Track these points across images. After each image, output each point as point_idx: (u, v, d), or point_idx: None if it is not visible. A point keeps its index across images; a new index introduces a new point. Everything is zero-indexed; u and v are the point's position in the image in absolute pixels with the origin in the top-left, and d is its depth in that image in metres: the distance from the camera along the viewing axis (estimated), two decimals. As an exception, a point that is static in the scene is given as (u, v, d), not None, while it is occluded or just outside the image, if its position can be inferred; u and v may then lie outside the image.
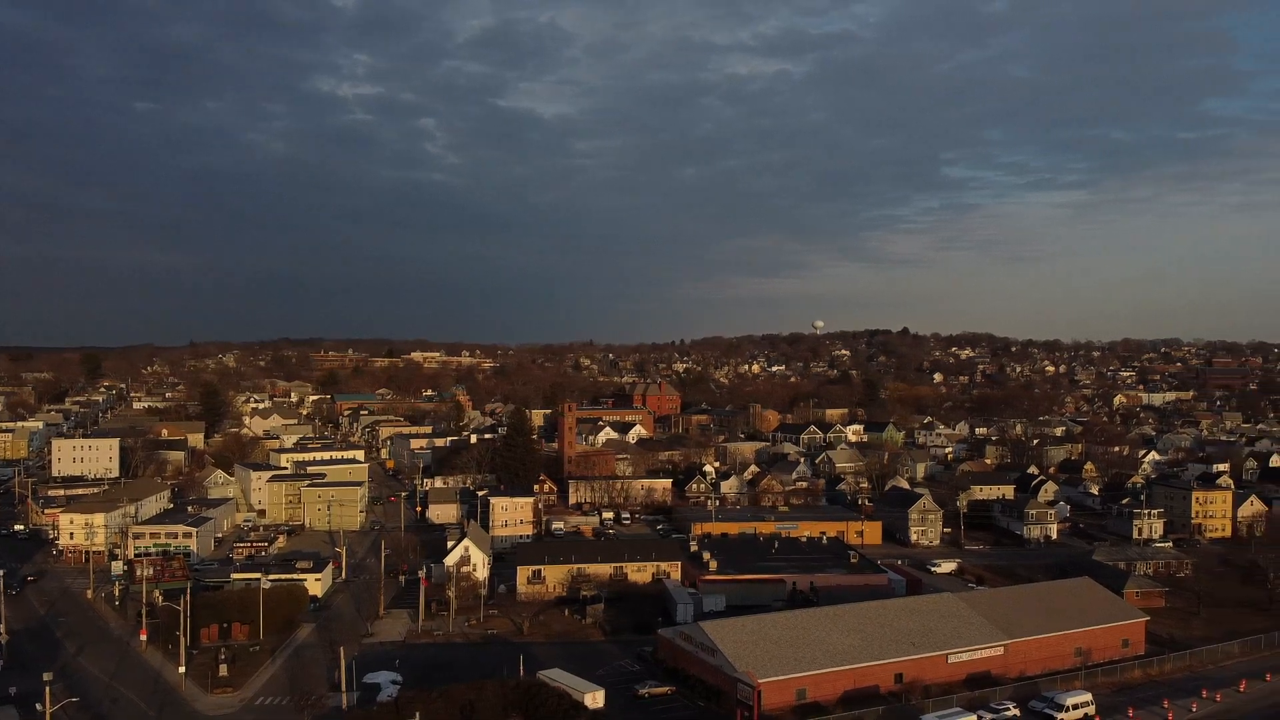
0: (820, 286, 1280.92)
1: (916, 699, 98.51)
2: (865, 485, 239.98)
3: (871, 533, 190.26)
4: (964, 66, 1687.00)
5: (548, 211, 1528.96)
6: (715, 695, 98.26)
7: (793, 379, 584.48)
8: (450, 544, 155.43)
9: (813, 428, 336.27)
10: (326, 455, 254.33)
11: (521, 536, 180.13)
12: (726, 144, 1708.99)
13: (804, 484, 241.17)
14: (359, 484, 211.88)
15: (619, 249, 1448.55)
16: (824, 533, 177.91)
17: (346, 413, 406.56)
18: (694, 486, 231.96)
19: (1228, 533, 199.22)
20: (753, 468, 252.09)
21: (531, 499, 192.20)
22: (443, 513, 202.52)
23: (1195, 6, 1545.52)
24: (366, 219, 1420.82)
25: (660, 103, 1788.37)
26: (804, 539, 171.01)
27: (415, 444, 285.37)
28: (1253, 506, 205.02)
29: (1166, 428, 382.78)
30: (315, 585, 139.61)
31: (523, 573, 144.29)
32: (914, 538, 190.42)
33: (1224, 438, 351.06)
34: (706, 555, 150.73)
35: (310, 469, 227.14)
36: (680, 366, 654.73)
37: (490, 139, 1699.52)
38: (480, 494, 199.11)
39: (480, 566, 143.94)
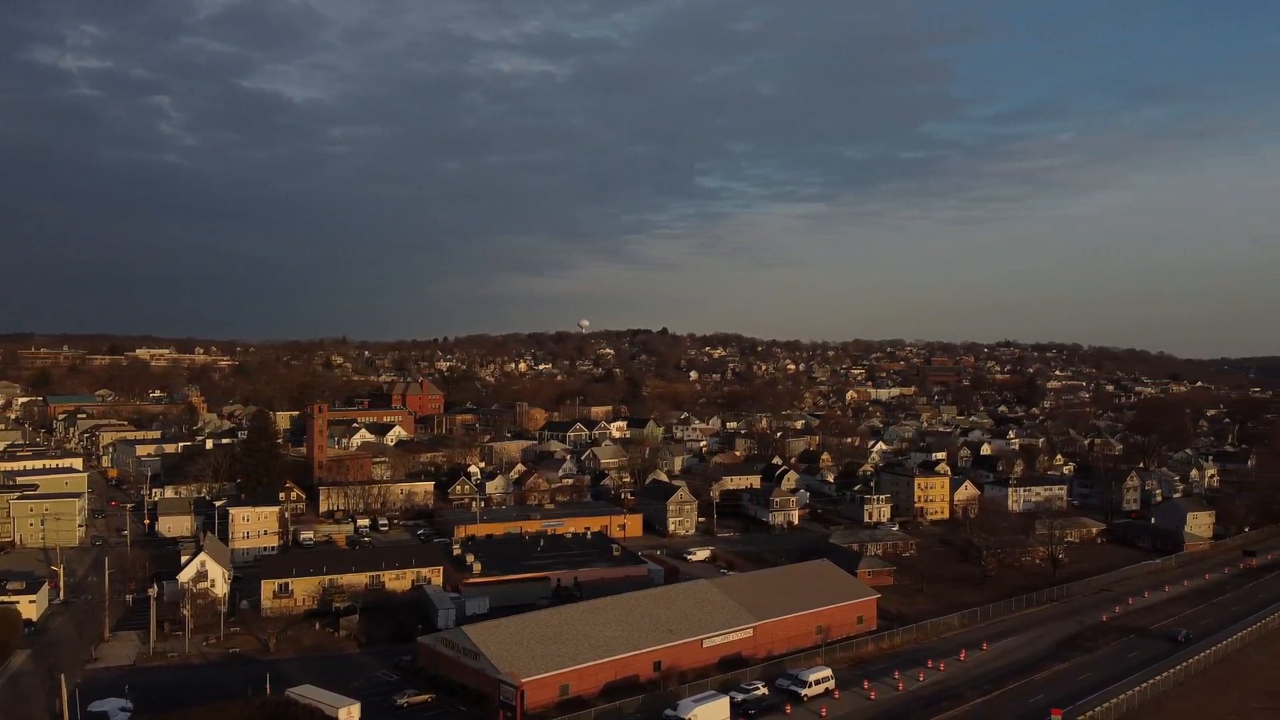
0: (585, 286, 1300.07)
1: (674, 685, 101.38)
2: (628, 479, 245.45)
3: (633, 525, 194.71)
4: (717, 81, 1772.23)
5: (296, 200, 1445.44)
6: (478, 699, 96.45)
7: (559, 377, 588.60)
8: (184, 558, 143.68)
9: (579, 425, 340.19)
10: (39, 464, 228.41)
11: (266, 548, 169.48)
12: (490, 140, 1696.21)
13: (570, 481, 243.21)
14: (77, 495, 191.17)
15: (376, 241, 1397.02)
16: (589, 528, 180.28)
17: (62, 416, 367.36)
18: (458, 488, 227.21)
19: (946, 515, 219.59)
20: (519, 467, 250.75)
21: (276, 508, 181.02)
22: (175, 525, 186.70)
23: (917, 37, 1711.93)
24: (87, 202, 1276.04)
25: (421, 94, 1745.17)
26: (569, 535, 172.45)
27: (142, 450, 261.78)
28: (967, 491, 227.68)
29: (892, 420, 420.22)
30: (29, 608, 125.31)
31: (268, 586, 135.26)
32: (672, 528, 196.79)
33: (941, 429, 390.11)
34: (470, 558, 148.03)
35: (20, 479, 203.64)
36: (443, 365, 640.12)
37: (232, 121, 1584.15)
38: (218, 504, 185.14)
39: (219, 582, 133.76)
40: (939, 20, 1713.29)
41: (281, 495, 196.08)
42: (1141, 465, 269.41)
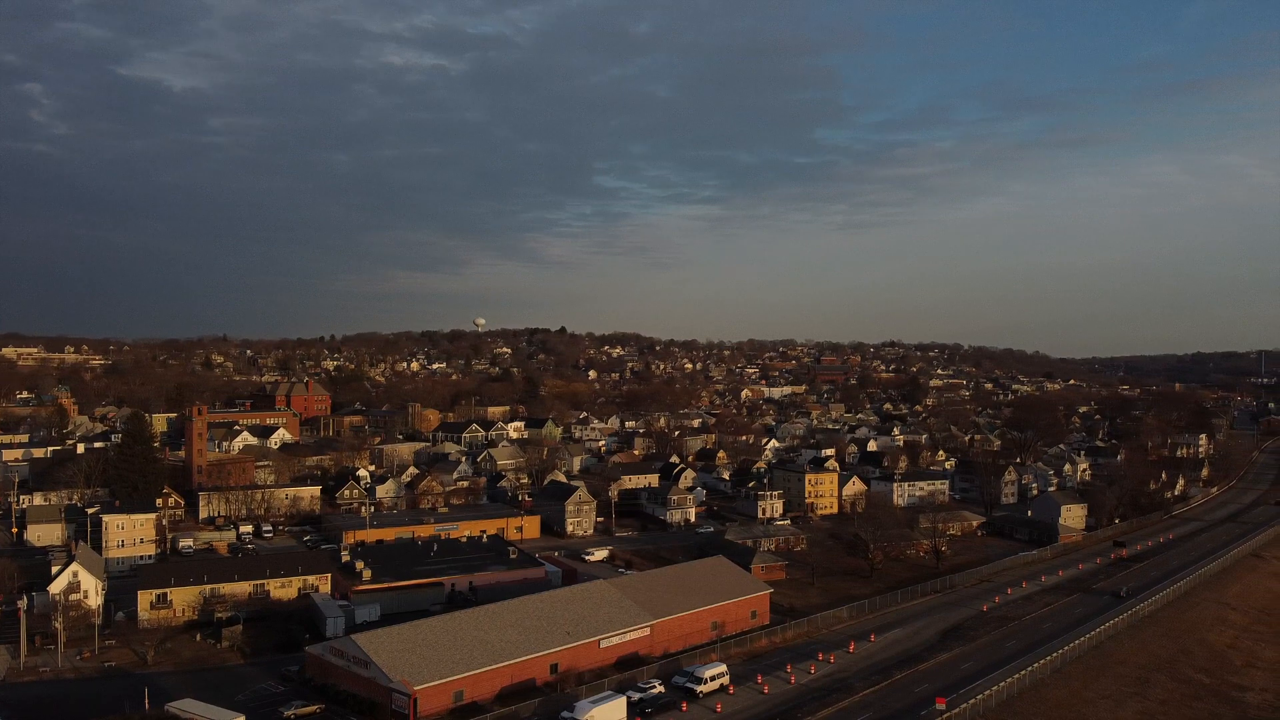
0: (481, 284, 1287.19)
1: (571, 687, 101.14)
2: (526, 481, 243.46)
3: (531, 527, 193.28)
4: (614, 81, 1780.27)
5: (173, 191, 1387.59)
6: (370, 708, 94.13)
7: (454, 377, 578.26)
8: (55, 569, 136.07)
9: (475, 426, 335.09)
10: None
11: (143, 557, 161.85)
12: (381, 134, 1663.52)
13: (465, 483, 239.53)
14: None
15: (260, 236, 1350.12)
16: (485, 531, 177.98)
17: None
18: (346, 492, 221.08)
19: (835, 509, 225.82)
20: (412, 469, 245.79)
21: (153, 515, 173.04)
22: (45, 534, 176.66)
23: (806, 44, 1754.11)
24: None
25: (309, 85, 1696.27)
26: (464, 539, 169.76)
27: (9, 455, 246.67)
28: (854, 486, 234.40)
29: (784, 418, 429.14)
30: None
31: (144, 597, 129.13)
32: (570, 529, 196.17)
33: (830, 426, 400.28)
34: (359, 564, 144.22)
35: None
36: (331, 364, 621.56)
37: (107, 109, 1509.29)
38: (91, 511, 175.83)
39: (93, 593, 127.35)
40: (826, 28, 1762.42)
41: (158, 501, 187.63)
42: (1018, 460, 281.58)
